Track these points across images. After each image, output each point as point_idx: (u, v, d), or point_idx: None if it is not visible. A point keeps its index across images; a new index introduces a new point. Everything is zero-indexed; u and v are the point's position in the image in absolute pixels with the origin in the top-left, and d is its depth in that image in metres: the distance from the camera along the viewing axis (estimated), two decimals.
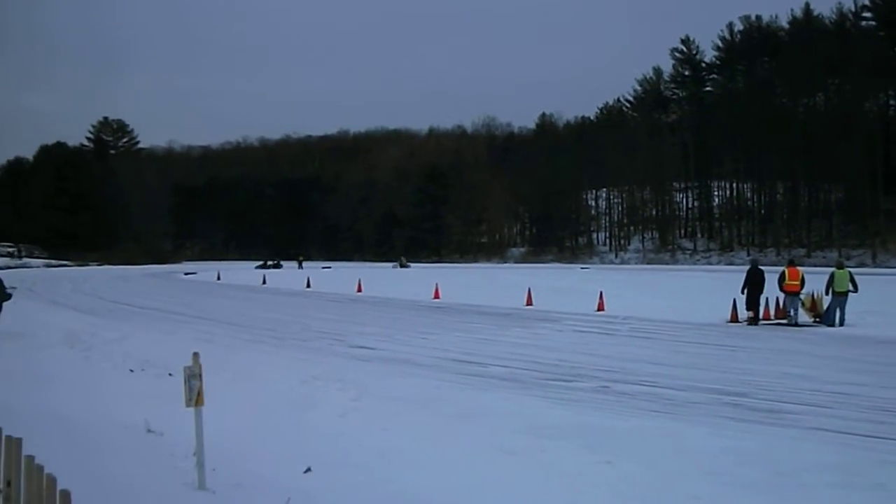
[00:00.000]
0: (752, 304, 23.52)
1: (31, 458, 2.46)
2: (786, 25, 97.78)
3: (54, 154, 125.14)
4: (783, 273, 23.64)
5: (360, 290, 39.57)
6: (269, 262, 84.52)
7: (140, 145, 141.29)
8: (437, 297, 34.33)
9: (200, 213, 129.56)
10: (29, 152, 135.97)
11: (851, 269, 24.27)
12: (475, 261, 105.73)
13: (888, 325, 21.68)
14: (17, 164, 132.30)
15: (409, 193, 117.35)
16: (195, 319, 26.59)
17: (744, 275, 24.56)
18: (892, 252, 75.88)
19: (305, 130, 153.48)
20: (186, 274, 72.46)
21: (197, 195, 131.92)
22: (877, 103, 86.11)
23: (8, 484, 2.65)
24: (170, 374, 11.99)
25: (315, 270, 67.61)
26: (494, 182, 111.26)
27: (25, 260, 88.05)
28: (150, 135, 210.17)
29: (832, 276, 22.75)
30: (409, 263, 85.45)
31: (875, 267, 67.83)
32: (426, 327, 23.15)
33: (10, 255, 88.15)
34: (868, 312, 23.40)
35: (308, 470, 7.40)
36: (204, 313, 29.05)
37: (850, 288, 22.54)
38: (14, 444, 2.64)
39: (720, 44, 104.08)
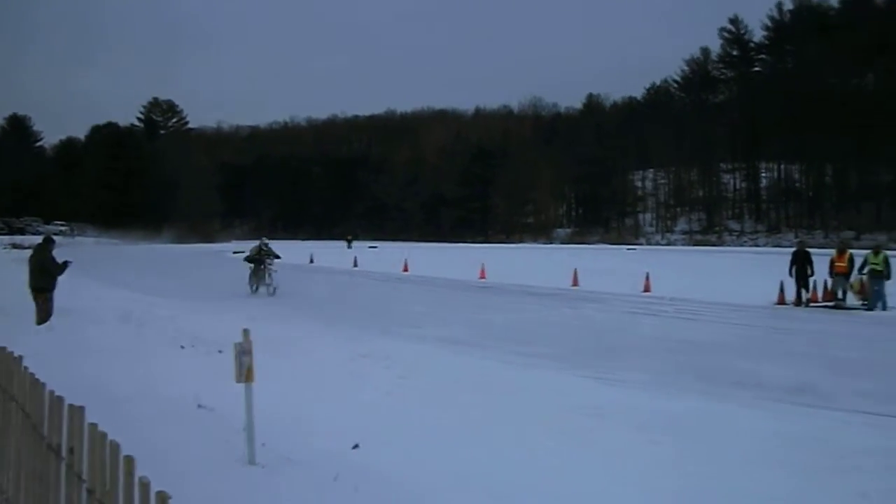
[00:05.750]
0: (799, 286, 23.47)
1: (94, 426, 2.51)
2: (836, 5, 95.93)
3: (105, 134, 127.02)
4: (833, 254, 23.51)
5: (406, 269, 39.73)
6: None
7: (189, 125, 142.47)
8: (482, 277, 34.37)
9: (248, 192, 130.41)
10: (81, 132, 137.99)
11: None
12: (521, 241, 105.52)
13: None
14: (69, 144, 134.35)
15: (456, 173, 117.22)
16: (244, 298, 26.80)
17: (790, 257, 24.45)
18: None
19: (352, 110, 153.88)
20: (235, 253, 73.09)
21: (245, 174, 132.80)
22: None
23: (71, 451, 2.71)
24: (219, 351, 12.11)
25: (362, 250, 67.86)
26: (541, 163, 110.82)
27: (77, 238, 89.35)
28: (200, 115, 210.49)
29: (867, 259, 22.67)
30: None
31: None
32: (472, 307, 23.19)
33: (63, 233, 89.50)
34: None
35: (356, 446, 7.47)
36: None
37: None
38: (76, 412, 2.70)
39: (769, 24, 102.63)
